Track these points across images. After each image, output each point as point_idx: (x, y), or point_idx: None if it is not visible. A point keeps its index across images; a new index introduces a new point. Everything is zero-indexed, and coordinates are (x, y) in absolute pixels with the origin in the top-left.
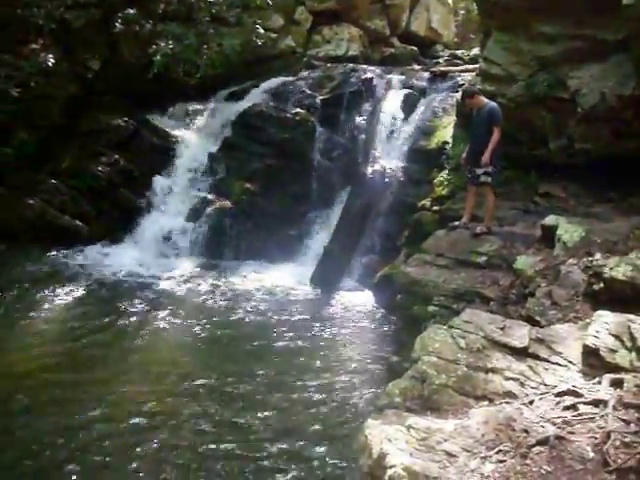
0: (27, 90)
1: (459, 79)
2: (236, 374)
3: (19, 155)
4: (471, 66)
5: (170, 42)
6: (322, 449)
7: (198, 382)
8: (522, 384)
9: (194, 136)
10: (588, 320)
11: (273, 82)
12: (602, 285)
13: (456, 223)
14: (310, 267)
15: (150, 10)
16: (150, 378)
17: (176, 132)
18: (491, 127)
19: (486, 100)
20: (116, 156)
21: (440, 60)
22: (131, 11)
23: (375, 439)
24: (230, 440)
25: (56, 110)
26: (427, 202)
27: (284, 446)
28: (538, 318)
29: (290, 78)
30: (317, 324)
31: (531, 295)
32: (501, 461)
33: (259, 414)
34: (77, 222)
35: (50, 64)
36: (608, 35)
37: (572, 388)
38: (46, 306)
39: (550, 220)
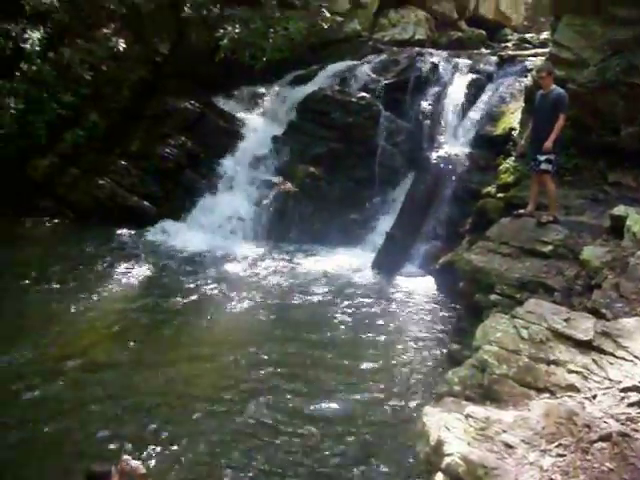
0: (99, 74)
1: (528, 63)
2: (296, 353)
3: (90, 137)
4: (540, 50)
5: (237, 26)
6: (380, 432)
7: (262, 356)
8: (585, 378)
9: (259, 119)
10: None
11: (338, 66)
12: None
13: (521, 211)
14: (372, 252)
15: None
16: (213, 351)
17: (241, 115)
18: (556, 113)
19: (554, 85)
20: (183, 138)
21: (508, 44)
22: None
23: (433, 426)
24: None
25: (126, 93)
26: (492, 189)
27: (340, 428)
28: (604, 311)
29: (355, 62)
30: (378, 308)
31: (597, 287)
32: (561, 455)
33: (316, 398)
34: (145, 202)
35: (121, 48)
36: None
37: (638, 384)
38: (115, 282)
39: (619, 210)
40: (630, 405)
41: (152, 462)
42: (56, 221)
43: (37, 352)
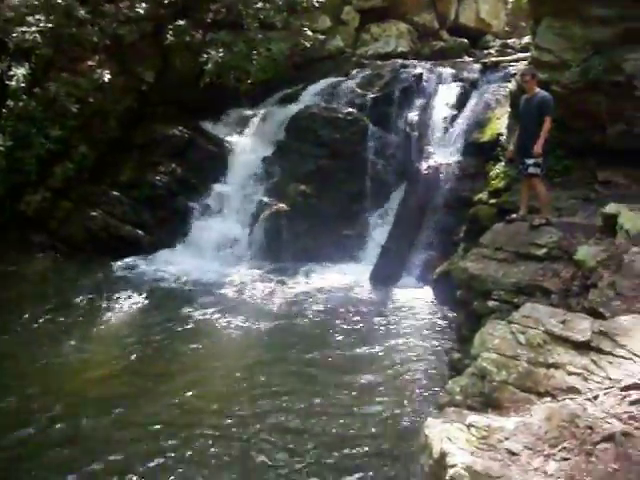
0: (85, 106)
1: (511, 69)
2: (296, 374)
3: (80, 169)
4: (523, 55)
5: (220, 50)
6: (384, 447)
7: (259, 378)
8: (585, 379)
9: (248, 141)
10: None
11: (323, 83)
12: None
13: (513, 216)
14: (368, 266)
15: (199, 20)
16: (214, 378)
17: (230, 138)
18: (542, 117)
19: (538, 89)
20: (173, 165)
21: (491, 51)
22: (181, 22)
23: (435, 438)
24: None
25: (113, 123)
26: (484, 196)
27: (345, 451)
28: (602, 310)
29: (340, 78)
30: (377, 321)
31: (594, 286)
32: (565, 459)
33: (315, 416)
34: (138, 231)
35: (106, 79)
36: None
37: (638, 382)
38: (112, 312)
39: (611, 208)
40: (632, 403)
41: None
42: (50, 255)
43: (28, 390)
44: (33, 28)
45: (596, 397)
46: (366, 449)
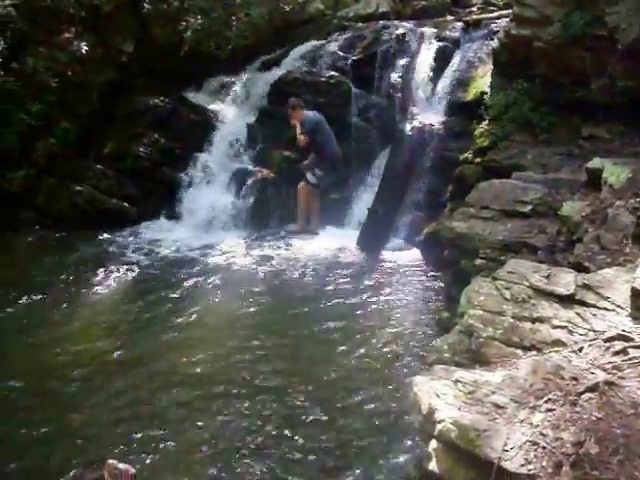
0: (64, 79)
1: (494, 26)
2: (286, 336)
3: (63, 144)
4: (505, 11)
5: (199, 17)
6: (372, 406)
7: (253, 345)
8: (570, 332)
9: (231, 109)
10: (637, 262)
11: (304, 47)
12: None
13: None
14: (355, 230)
15: None
16: (205, 347)
17: (213, 106)
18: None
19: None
20: (156, 136)
21: (473, 8)
22: None
23: (424, 395)
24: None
25: (94, 96)
26: (469, 155)
27: (335, 404)
28: (587, 264)
29: (321, 42)
30: (365, 284)
31: (579, 241)
32: (550, 410)
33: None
34: (124, 204)
35: (84, 51)
36: None
37: (621, 332)
38: (101, 287)
39: (595, 163)
40: (615, 354)
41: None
42: (38, 231)
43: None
44: (7, 1)
45: (581, 349)
46: (355, 406)
